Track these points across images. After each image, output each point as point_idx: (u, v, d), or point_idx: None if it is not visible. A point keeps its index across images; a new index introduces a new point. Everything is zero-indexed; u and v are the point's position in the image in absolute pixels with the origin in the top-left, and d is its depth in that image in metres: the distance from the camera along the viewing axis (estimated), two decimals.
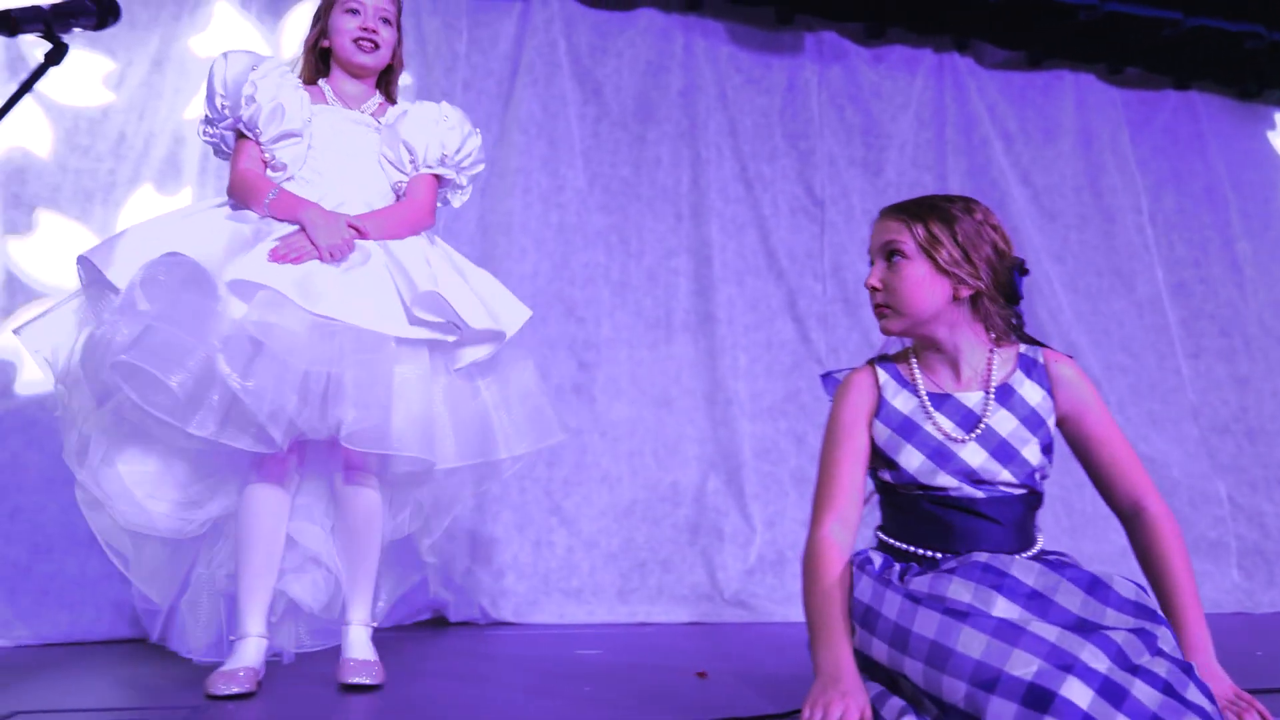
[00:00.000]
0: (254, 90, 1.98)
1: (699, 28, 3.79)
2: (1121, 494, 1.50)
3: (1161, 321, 4.05)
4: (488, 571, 3.10)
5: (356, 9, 2.08)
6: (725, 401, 3.47)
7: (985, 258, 1.47)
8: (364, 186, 2.05)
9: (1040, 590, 1.30)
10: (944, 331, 1.51)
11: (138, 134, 3.07)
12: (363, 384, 1.78)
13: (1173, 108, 4.34)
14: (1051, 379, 1.51)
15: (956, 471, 1.47)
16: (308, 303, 1.78)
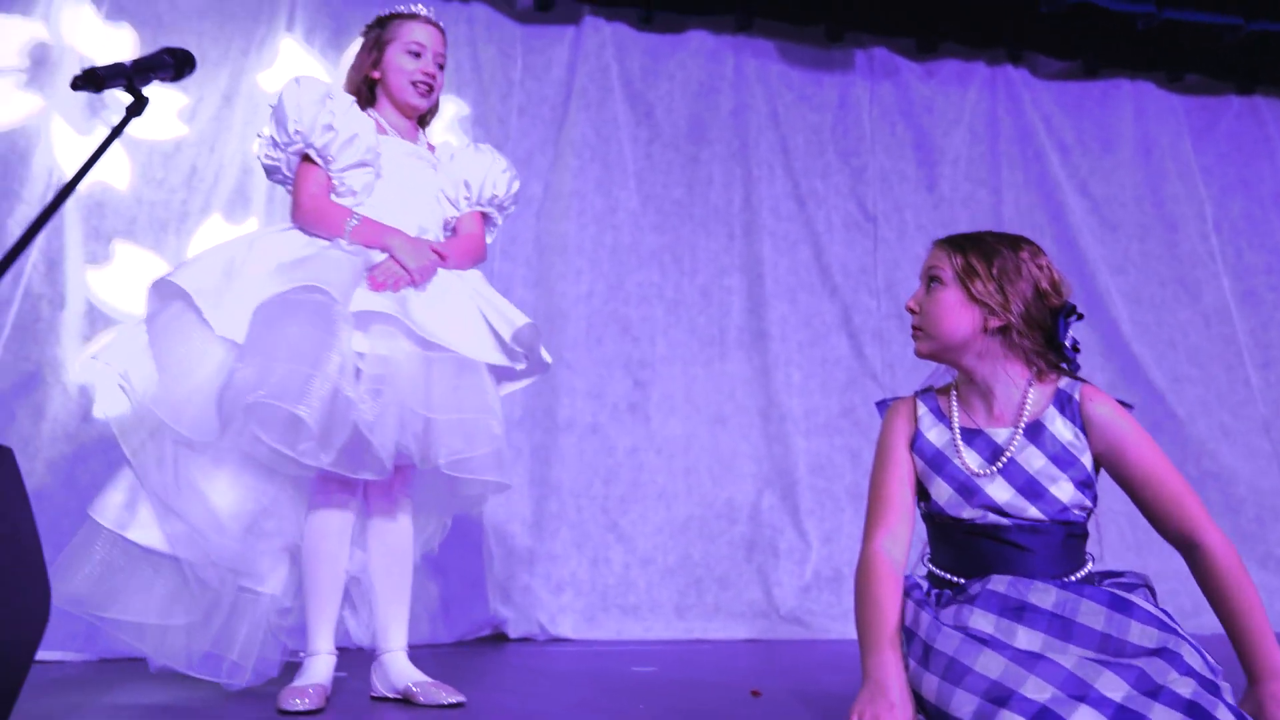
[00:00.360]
0: (332, 118, 1.98)
1: (749, 48, 3.83)
2: (1172, 530, 1.49)
3: (1229, 332, 3.97)
4: (546, 588, 3.15)
5: (419, 51, 2.11)
6: (779, 418, 3.49)
7: (1020, 292, 1.49)
8: (423, 218, 2.08)
9: (1061, 614, 1.32)
10: (973, 360, 1.54)
11: (208, 166, 3.20)
12: (467, 412, 1.84)
13: (1236, 113, 4.26)
14: (1085, 416, 1.50)
15: (982, 505, 1.49)
16: (416, 328, 1.83)
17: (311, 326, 1.74)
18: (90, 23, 3.18)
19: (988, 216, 3.87)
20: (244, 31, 3.34)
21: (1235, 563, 1.44)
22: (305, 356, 1.71)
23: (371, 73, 2.14)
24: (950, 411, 1.57)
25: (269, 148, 2.02)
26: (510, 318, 1.98)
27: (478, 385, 1.90)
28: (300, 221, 1.99)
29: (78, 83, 1.47)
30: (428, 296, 1.93)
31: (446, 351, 1.87)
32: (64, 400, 2.86)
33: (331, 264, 1.85)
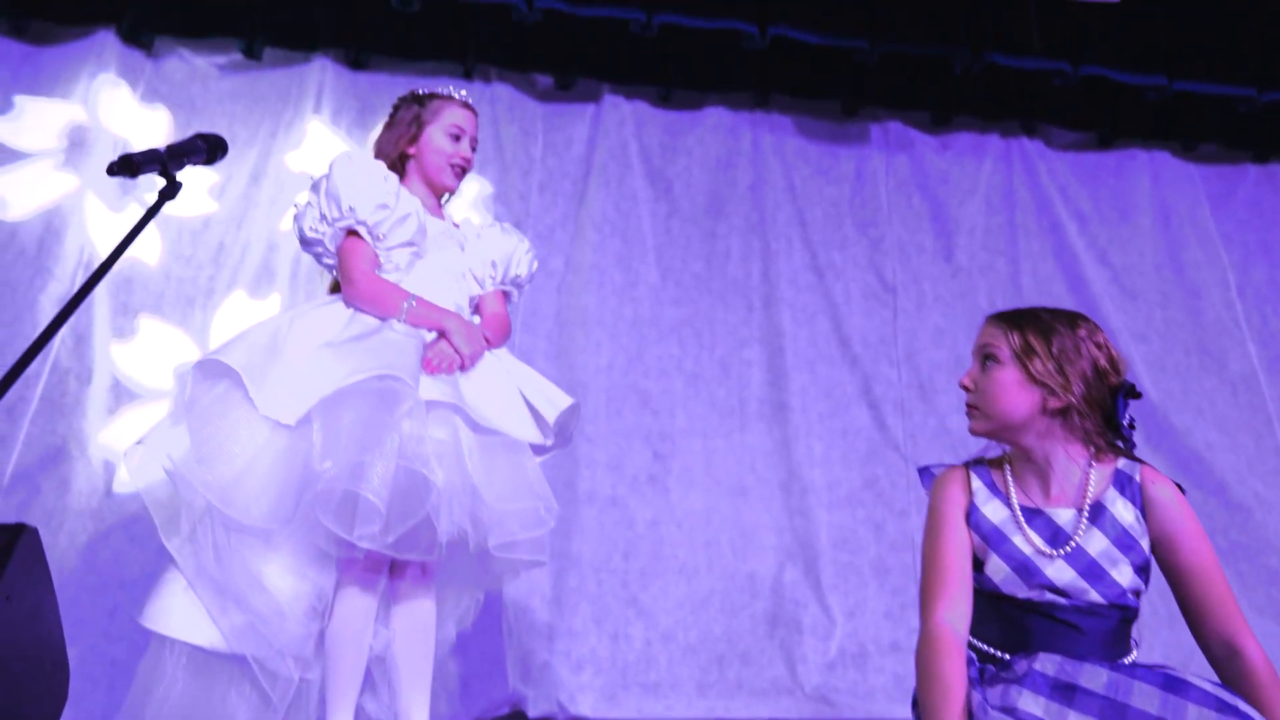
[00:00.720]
0: (388, 197, 1.99)
1: (766, 123, 3.90)
2: (1213, 632, 1.45)
3: (1257, 400, 3.91)
4: (566, 665, 3.10)
5: (458, 135, 2.17)
6: (801, 490, 3.46)
7: (1080, 372, 1.48)
8: (454, 295, 2.11)
9: (1113, 697, 1.28)
10: (1032, 440, 1.52)
11: (235, 243, 3.28)
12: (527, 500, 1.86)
13: (1254, 181, 4.27)
14: (1146, 499, 1.49)
15: (1041, 586, 1.46)
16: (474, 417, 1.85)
17: (381, 410, 1.73)
18: (127, 105, 3.30)
19: (1006, 286, 3.89)
20: (273, 113, 3.45)
21: (1274, 674, 1.41)
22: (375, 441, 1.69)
23: (408, 149, 2.17)
24: (1007, 488, 1.55)
25: (316, 221, 2.02)
26: (552, 397, 2.01)
27: (524, 466, 1.91)
28: (355, 299, 1.98)
29: (114, 169, 1.52)
30: (474, 379, 1.96)
31: (498, 435, 1.90)
32: (88, 475, 2.88)
33: (396, 349, 1.85)
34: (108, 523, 2.86)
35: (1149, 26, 3.81)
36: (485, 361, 2.01)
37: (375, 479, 1.67)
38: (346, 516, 1.71)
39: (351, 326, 1.93)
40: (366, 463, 1.67)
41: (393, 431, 1.72)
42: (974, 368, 1.59)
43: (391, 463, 1.69)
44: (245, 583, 1.76)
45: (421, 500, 1.72)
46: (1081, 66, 3.76)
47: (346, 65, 3.58)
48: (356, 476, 1.67)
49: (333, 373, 1.78)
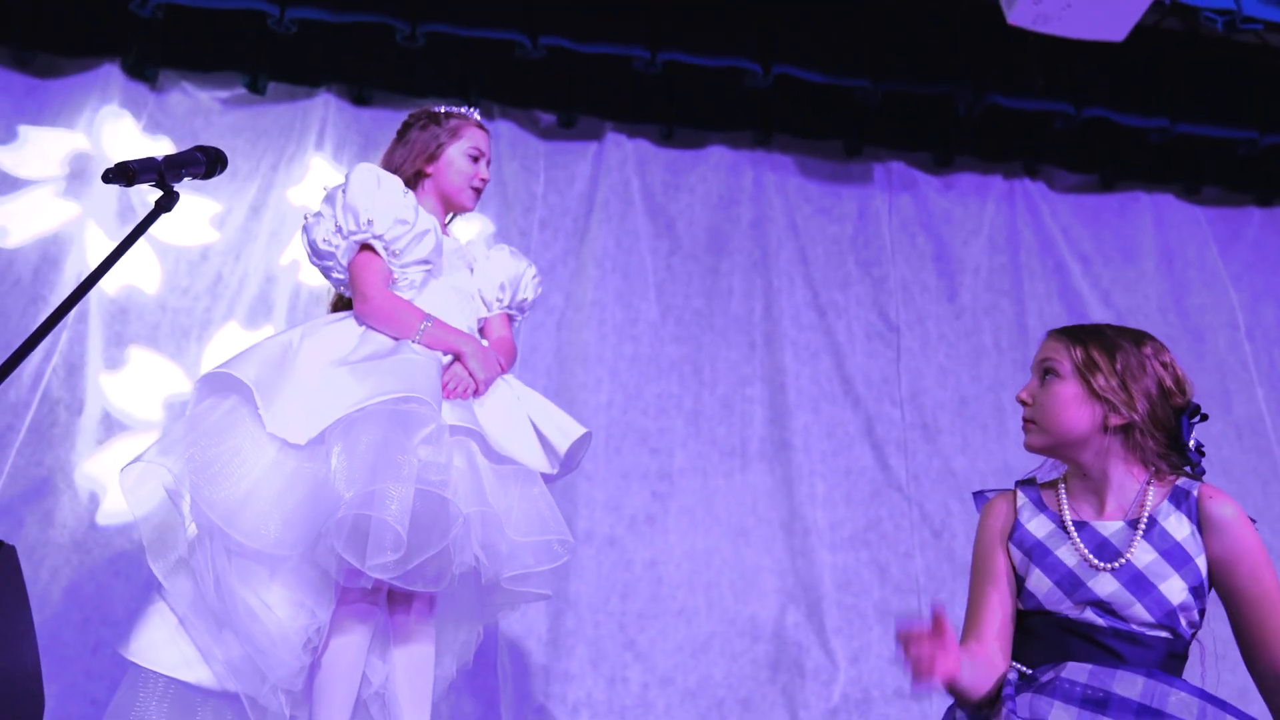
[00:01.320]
0: (410, 214, 1.94)
1: (768, 162, 3.90)
2: (1265, 662, 1.39)
3: (1264, 444, 3.86)
4: (562, 709, 3.02)
5: (477, 156, 2.14)
6: (804, 531, 3.39)
7: (1144, 390, 1.44)
8: (464, 316, 2.07)
9: (1149, 704, 1.22)
10: (1090, 457, 1.48)
11: (233, 274, 3.26)
12: (536, 526, 1.81)
13: (1259, 224, 4.26)
14: (1203, 515, 1.43)
15: (1084, 600, 1.41)
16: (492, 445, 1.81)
17: (406, 434, 1.67)
18: (130, 136, 3.30)
19: (1011, 326, 3.85)
20: (275, 148, 3.46)
21: None
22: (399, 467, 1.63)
23: (425, 167, 2.12)
24: (1057, 504, 1.51)
25: (330, 233, 1.94)
26: (563, 426, 1.96)
27: (539, 497, 1.87)
28: (368, 316, 1.91)
29: (109, 175, 1.47)
30: (487, 405, 1.91)
31: (513, 464, 1.86)
32: (73, 507, 2.83)
33: (420, 370, 1.79)
34: (93, 556, 2.80)
35: (1151, 69, 3.83)
36: (497, 388, 1.96)
37: (394, 506, 1.59)
38: (360, 544, 1.63)
39: (365, 345, 1.86)
40: (384, 489, 1.60)
41: (411, 456, 1.65)
42: (1032, 382, 1.54)
43: (411, 489, 1.62)
44: (245, 612, 1.67)
45: (442, 530, 1.66)
46: (1084, 109, 3.76)
47: (350, 101, 3.59)
48: (373, 503, 1.60)
49: (352, 393, 1.71)
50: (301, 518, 1.68)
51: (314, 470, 1.70)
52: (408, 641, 1.90)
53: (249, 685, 1.71)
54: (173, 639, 1.74)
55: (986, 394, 3.75)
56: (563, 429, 1.95)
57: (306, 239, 2.01)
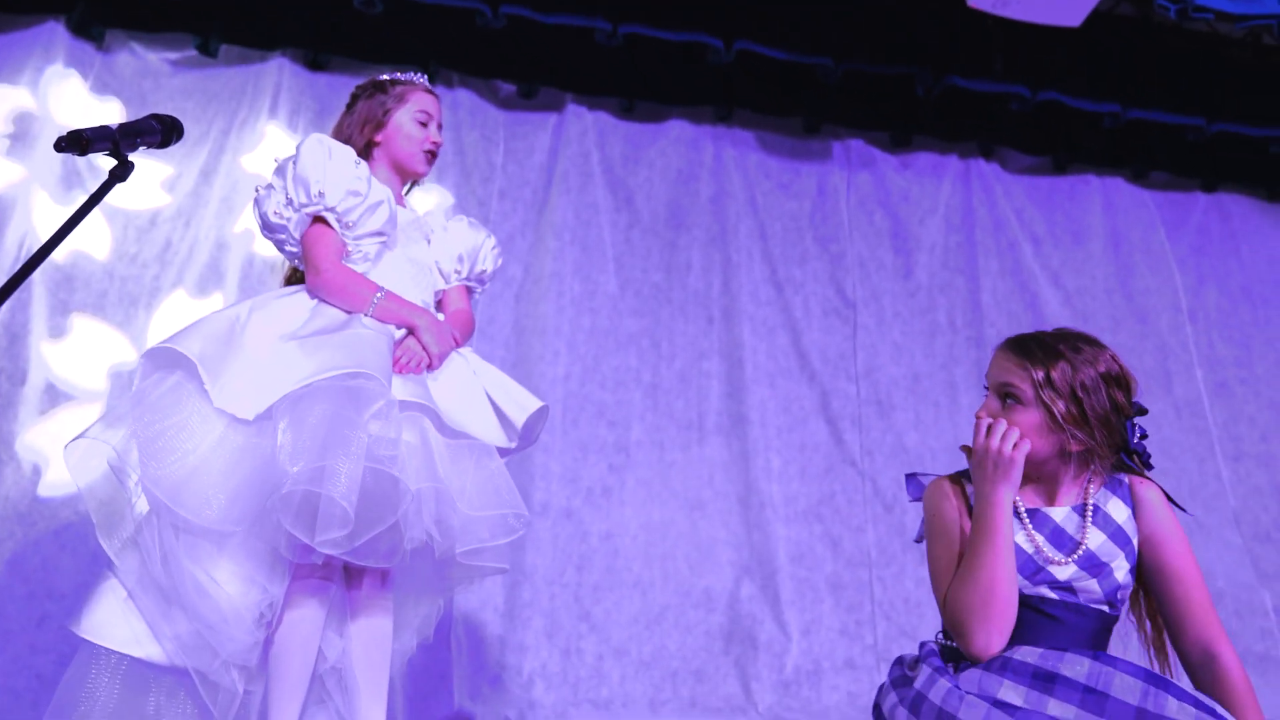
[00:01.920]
0: (360, 184, 1.90)
1: (728, 137, 3.89)
2: (1192, 637, 1.45)
3: (1201, 424, 3.97)
4: (517, 681, 3.03)
5: (425, 121, 2.10)
6: (759, 504, 3.42)
7: (1101, 417, 1.47)
8: (425, 289, 2.05)
9: (1095, 686, 1.28)
10: (1046, 471, 1.53)
11: (183, 241, 3.18)
12: (491, 501, 1.79)
13: (1204, 209, 4.35)
14: (1137, 499, 1.51)
15: (1043, 583, 1.46)
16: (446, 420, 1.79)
17: (354, 409, 1.65)
18: (77, 96, 3.19)
19: (966, 304, 3.90)
20: (227, 112, 3.36)
21: (1250, 688, 1.41)
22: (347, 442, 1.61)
23: (374, 136, 2.08)
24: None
25: (281, 205, 1.91)
26: (520, 400, 1.93)
27: (494, 471, 1.84)
28: (321, 289, 1.88)
29: (61, 144, 1.42)
30: (441, 380, 1.88)
31: (467, 439, 1.83)
32: (16, 478, 2.76)
33: (369, 345, 1.76)
34: (37, 529, 2.74)
35: (1105, 55, 3.87)
36: (452, 362, 1.93)
37: (342, 482, 1.57)
38: (308, 520, 1.61)
39: (316, 319, 1.82)
40: (332, 465, 1.58)
41: (360, 432, 1.62)
42: (993, 403, 1.55)
43: (359, 465, 1.59)
44: (193, 588, 1.64)
45: (392, 505, 1.64)
46: (1039, 92, 3.81)
47: (305, 66, 3.50)
48: (322, 479, 1.57)
49: (300, 368, 1.68)
50: (248, 493, 1.65)
51: (261, 446, 1.67)
52: (364, 616, 1.88)
53: (199, 661, 1.68)
54: (124, 616, 1.69)
55: (939, 371, 3.79)
56: (519, 403, 1.92)
57: (258, 212, 1.97)
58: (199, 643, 1.67)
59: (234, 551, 1.71)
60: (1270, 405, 4.09)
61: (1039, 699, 1.29)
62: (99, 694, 1.69)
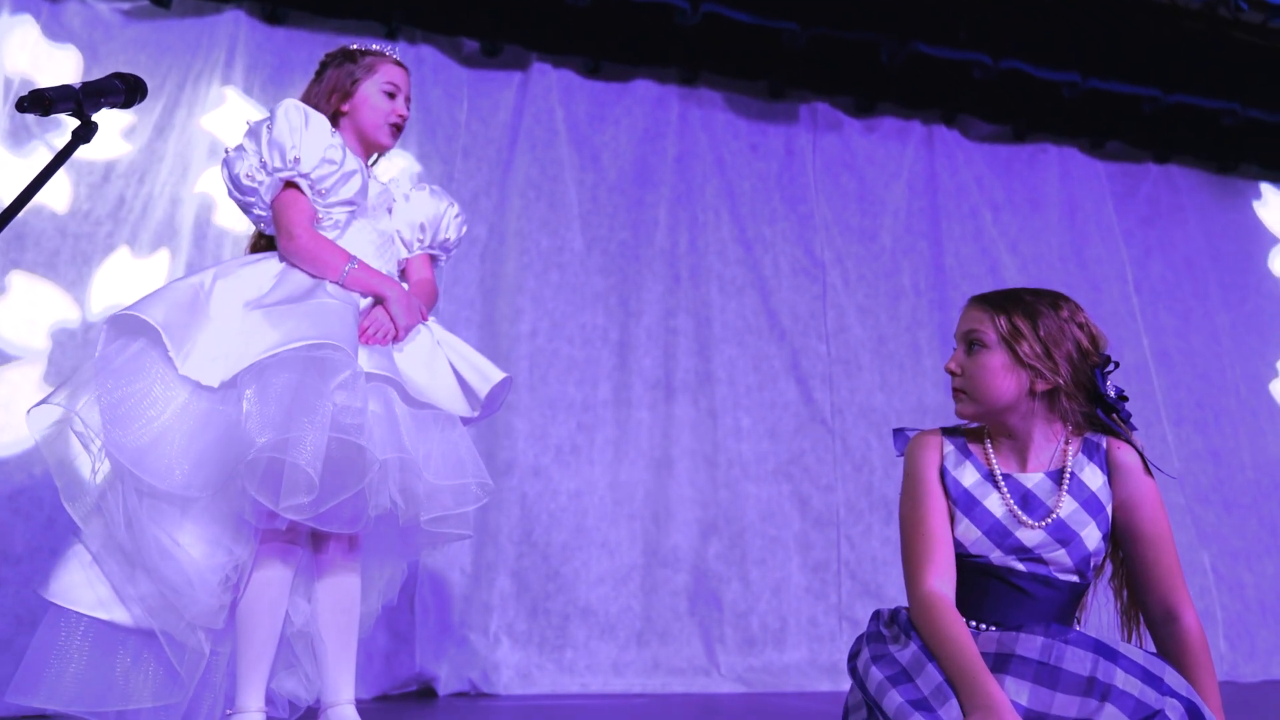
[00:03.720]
0: (337, 154, 1.90)
1: (694, 97, 3.81)
2: (1157, 598, 1.48)
3: (1147, 389, 4.02)
4: (483, 641, 2.99)
5: (393, 92, 2.07)
6: (727, 463, 3.39)
7: (1066, 354, 1.48)
8: (383, 259, 2.02)
9: (1047, 661, 1.31)
10: (1017, 420, 1.52)
11: (136, 198, 3.06)
12: (456, 470, 1.80)
13: (1154, 180, 4.38)
14: (1112, 463, 1.50)
15: (1011, 548, 1.47)
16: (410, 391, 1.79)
17: (317, 377, 1.65)
18: (25, 46, 3.06)
19: (930, 267, 3.88)
20: (181, 65, 3.23)
21: (1207, 650, 1.44)
22: (313, 411, 1.61)
23: (341, 105, 2.06)
24: (985, 455, 1.55)
25: (254, 168, 1.89)
26: (483, 370, 1.92)
27: (458, 441, 1.84)
28: (294, 254, 1.86)
29: (24, 104, 1.39)
30: (407, 350, 1.88)
31: (431, 409, 1.83)
32: None
33: (337, 316, 1.75)
34: None
35: (1066, 25, 3.85)
36: (417, 333, 1.92)
37: (308, 450, 1.58)
38: (273, 487, 1.61)
39: (282, 287, 1.80)
40: (298, 434, 1.58)
41: (326, 401, 1.63)
42: (959, 352, 1.56)
43: (324, 434, 1.60)
44: (157, 551, 1.64)
45: (358, 474, 1.64)
46: (1001, 59, 3.79)
47: (261, 19, 3.36)
48: (288, 447, 1.58)
49: (266, 337, 1.67)
50: (212, 459, 1.65)
51: (226, 413, 1.67)
52: (331, 580, 1.88)
53: (165, 622, 1.68)
54: (89, 579, 1.69)
55: (904, 334, 3.77)
56: (483, 373, 1.92)
57: (228, 173, 1.93)
58: (164, 604, 1.67)
59: (198, 515, 1.71)
60: (1204, 374, 4.15)
61: (998, 679, 1.30)
62: (69, 657, 1.67)
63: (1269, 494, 4.07)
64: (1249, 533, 3.95)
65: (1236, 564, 3.88)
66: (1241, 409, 4.17)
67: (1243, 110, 4.12)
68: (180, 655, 1.71)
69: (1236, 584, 3.83)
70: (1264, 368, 4.32)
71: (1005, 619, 1.44)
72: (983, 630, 1.44)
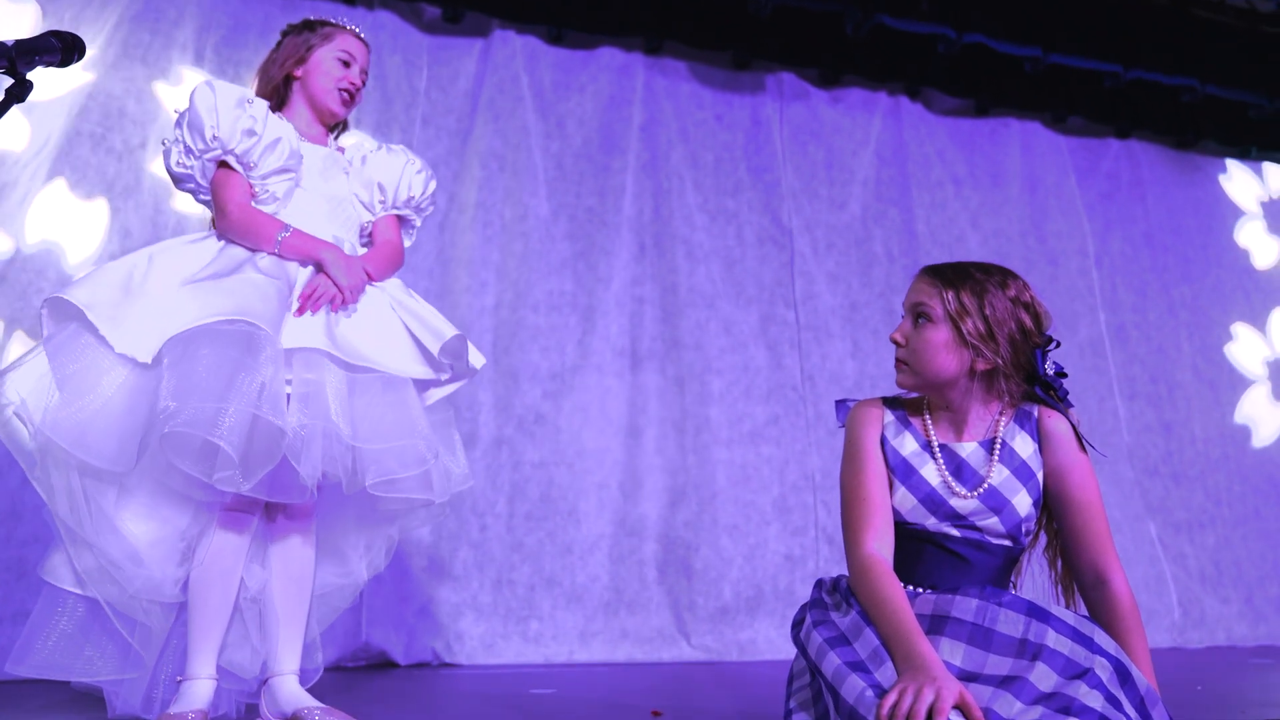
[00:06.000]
0: (253, 123, 1.89)
1: (659, 66, 3.73)
2: (1086, 562, 1.50)
3: (1102, 364, 4.04)
4: (444, 611, 2.92)
5: (348, 61, 2.05)
6: (695, 430, 3.34)
7: (1009, 334, 1.49)
8: (342, 224, 1.99)
9: (980, 623, 1.34)
10: (956, 395, 1.54)
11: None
12: (394, 439, 1.77)
13: (1115, 155, 4.37)
14: (1043, 432, 1.53)
15: (946, 516, 1.50)
16: (344, 355, 1.76)
17: (236, 353, 1.65)
18: None
19: (900, 235, 3.85)
20: (136, 27, 3.17)
21: (1136, 612, 1.47)
22: (228, 385, 1.61)
23: (294, 70, 2.04)
24: (924, 426, 1.58)
25: (182, 155, 1.91)
26: (436, 328, 1.89)
27: (404, 403, 1.81)
28: (227, 230, 1.87)
29: None
30: (355, 314, 1.85)
31: (373, 372, 1.80)
32: None
33: (258, 292, 1.74)
34: None
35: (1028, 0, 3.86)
36: (368, 295, 1.89)
37: (227, 424, 1.58)
38: (204, 460, 1.63)
39: (215, 263, 1.80)
40: (220, 409, 1.59)
41: (251, 375, 1.63)
42: (905, 323, 1.58)
43: (247, 409, 1.61)
44: (95, 527, 1.68)
45: (277, 445, 1.65)
46: (964, 34, 3.76)
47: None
48: (209, 424, 1.58)
49: (186, 312, 1.67)
50: (139, 434, 1.67)
51: (153, 388, 1.68)
52: (282, 545, 1.88)
53: (106, 593, 1.71)
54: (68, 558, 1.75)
55: (878, 300, 3.74)
56: (436, 331, 1.89)
57: (166, 166, 1.96)
58: (105, 578, 1.70)
59: (139, 491, 1.74)
60: (1160, 349, 4.18)
61: (933, 640, 1.33)
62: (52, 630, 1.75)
63: (1217, 465, 4.12)
64: (1194, 504, 4.00)
65: (1179, 535, 3.93)
66: (1196, 382, 4.21)
67: (1201, 87, 4.15)
68: (130, 629, 1.74)
69: (1179, 554, 3.88)
70: (1222, 336, 4.36)
71: (942, 582, 1.48)
72: (920, 593, 1.46)
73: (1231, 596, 3.88)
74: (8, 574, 2.59)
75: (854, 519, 1.53)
